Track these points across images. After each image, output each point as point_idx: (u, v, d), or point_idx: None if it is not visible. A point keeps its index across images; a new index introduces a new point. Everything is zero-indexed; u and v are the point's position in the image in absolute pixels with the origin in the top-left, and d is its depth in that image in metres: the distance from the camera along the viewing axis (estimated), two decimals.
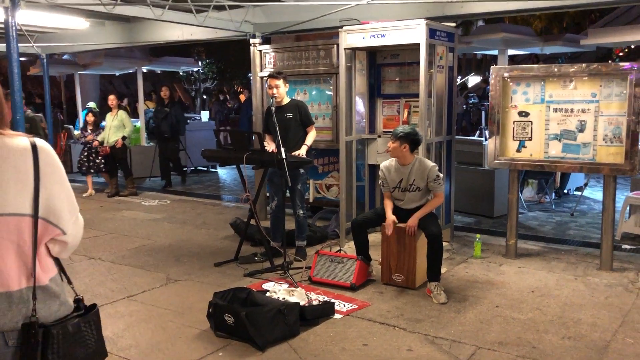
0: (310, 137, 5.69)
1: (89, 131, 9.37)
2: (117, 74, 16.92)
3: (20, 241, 1.62)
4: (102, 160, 9.30)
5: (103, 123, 9.66)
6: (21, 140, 1.63)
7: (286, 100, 5.66)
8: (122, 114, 9.28)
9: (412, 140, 4.72)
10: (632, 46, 15.96)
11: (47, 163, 1.65)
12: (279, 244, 5.55)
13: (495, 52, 11.54)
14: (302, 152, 5.50)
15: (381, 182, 4.96)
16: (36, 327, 1.62)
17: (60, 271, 1.78)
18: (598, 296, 4.56)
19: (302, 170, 5.62)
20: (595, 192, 8.94)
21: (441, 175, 4.81)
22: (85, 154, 9.27)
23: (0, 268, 1.60)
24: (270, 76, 5.58)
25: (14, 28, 5.54)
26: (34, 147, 1.63)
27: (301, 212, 5.66)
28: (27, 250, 1.64)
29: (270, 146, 5.44)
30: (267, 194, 6.27)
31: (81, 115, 12.80)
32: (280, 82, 5.50)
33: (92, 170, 9.34)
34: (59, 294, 1.73)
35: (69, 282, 1.82)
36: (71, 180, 1.82)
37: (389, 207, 4.86)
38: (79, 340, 1.71)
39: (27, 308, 1.63)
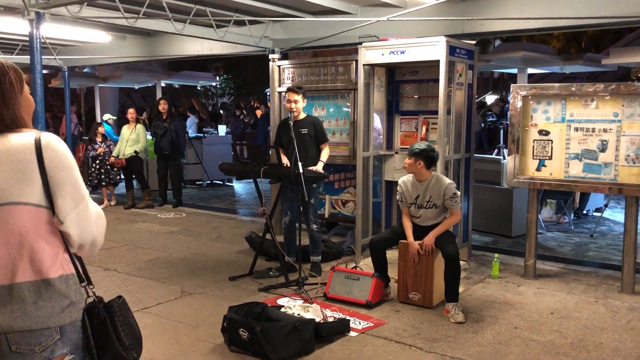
0: (325, 153, 5.67)
1: (99, 144, 9.40)
2: (136, 87, 17.15)
3: (22, 231, 1.59)
4: (116, 171, 9.35)
5: (116, 137, 9.69)
6: (26, 135, 1.65)
7: (302, 115, 5.65)
8: (140, 128, 9.35)
9: (426, 156, 4.67)
10: None
11: (49, 150, 1.63)
12: (293, 259, 5.52)
13: (512, 71, 11.51)
14: (318, 168, 5.49)
15: (399, 197, 4.91)
16: (97, 306, 1.68)
17: (82, 271, 1.74)
18: (620, 320, 4.45)
19: (314, 185, 5.59)
20: (615, 213, 8.80)
21: (458, 193, 4.75)
22: (97, 167, 9.31)
23: (2, 259, 1.57)
24: (290, 90, 5.57)
25: (38, 40, 5.63)
26: (38, 139, 1.63)
27: (315, 226, 5.62)
28: (31, 242, 1.59)
29: (283, 160, 5.44)
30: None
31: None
32: (299, 97, 5.50)
33: (103, 184, 9.38)
34: (68, 294, 1.65)
35: (89, 283, 1.76)
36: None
37: (409, 229, 4.79)
38: (129, 314, 1.79)
39: (34, 306, 1.57)
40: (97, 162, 9.32)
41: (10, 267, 1.58)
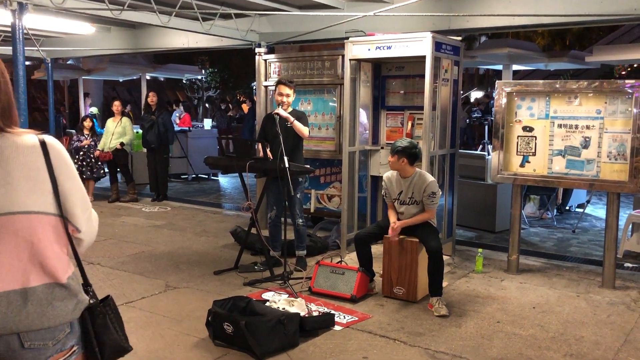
0: (301, 126, 5.43)
1: (85, 136, 9.27)
2: (120, 80, 17.00)
3: (34, 239, 1.60)
4: (100, 165, 9.22)
5: (101, 130, 9.58)
6: (29, 138, 1.62)
7: (289, 109, 5.62)
8: (125, 120, 9.25)
9: (409, 153, 4.68)
10: (635, 65, 16.01)
11: (58, 159, 1.64)
12: (278, 254, 5.52)
13: (498, 67, 11.58)
14: (279, 111, 5.30)
15: (384, 192, 4.95)
16: (99, 305, 1.74)
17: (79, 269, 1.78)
18: (600, 314, 4.52)
19: (300, 179, 5.59)
20: (596, 210, 8.92)
21: (438, 193, 4.75)
22: (80, 159, 9.18)
23: (14, 266, 1.58)
24: (282, 83, 5.45)
25: (20, 31, 5.55)
26: (43, 144, 1.62)
27: (300, 221, 5.62)
28: (42, 249, 1.61)
29: (268, 154, 5.42)
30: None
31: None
32: (290, 91, 5.45)
33: (83, 176, 9.21)
34: (77, 292, 1.70)
35: (86, 284, 1.80)
36: None
37: (392, 215, 4.84)
38: (119, 316, 1.83)
39: (50, 306, 1.61)
40: (81, 154, 9.17)
41: (22, 273, 1.60)
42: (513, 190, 5.64)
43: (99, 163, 9.22)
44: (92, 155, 9.11)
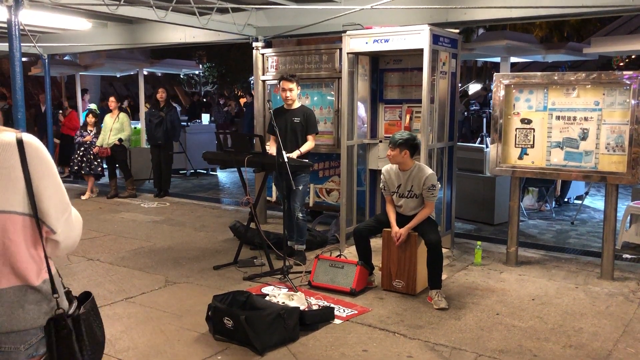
0: (307, 145, 5.64)
1: (88, 132, 9.28)
2: (118, 75, 16.92)
3: (5, 240, 1.56)
4: (99, 162, 9.20)
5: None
6: (6, 135, 1.57)
7: (297, 104, 5.65)
8: (123, 116, 9.23)
9: (411, 145, 4.69)
10: (633, 56, 15.98)
11: (34, 157, 1.58)
12: (293, 244, 5.62)
13: (496, 60, 11.55)
14: (291, 156, 5.41)
15: (382, 185, 4.94)
16: (65, 319, 1.62)
17: (57, 273, 1.72)
18: (599, 305, 4.53)
19: (303, 174, 5.59)
20: (595, 201, 8.93)
21: (438, 185, 4.76)
22: (80, 154, 9.18)
23: None
24: (284, 79, 5.57)
25: (16, 27, 5.53)
26: (20, 142, 1.56)
27: (300, 215, 5.63)
28: (13, 250, 1.57)
29: (271, 148, 5.42)
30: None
31: (81, 116, 12.76)
32: (293, 85, 5.52)
33: (82, 172, 9.18)
34: (51, 297, 1.65)
35: (54, 292, 1.68)
36: (68, 181, 1.76)
37: (392, 216, 4.83)
38: (95, 323, 1.75)
39: (21, 309, 1.57)
40: (82, 149, 9.17)
41: None
42: (511, 182, 5.64)
43: (98, 160, 9.21)
44: (91, 152, 9.11)
